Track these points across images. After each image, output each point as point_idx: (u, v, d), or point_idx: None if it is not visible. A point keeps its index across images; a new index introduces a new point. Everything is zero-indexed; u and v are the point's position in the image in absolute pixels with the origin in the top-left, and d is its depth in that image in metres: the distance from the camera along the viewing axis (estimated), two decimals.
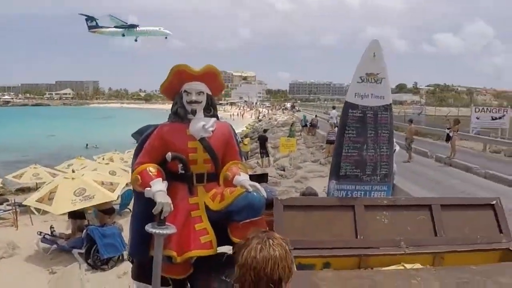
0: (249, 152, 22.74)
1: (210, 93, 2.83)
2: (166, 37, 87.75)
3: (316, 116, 35.15)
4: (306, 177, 13.11)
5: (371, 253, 3.08)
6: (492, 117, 23.27)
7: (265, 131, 22.57)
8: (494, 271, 2.68)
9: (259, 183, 2.76)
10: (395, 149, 8.63)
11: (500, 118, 23.15)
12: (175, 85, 2.79)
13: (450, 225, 3.30)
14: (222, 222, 2.76)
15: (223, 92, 3.46)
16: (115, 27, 79.68)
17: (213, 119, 2.82)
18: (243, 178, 2.70)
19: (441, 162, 15.81)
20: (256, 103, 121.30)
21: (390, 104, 3.54)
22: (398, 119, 35.06)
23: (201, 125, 2.71)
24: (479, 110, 24.05)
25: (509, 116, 23.60)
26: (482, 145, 20.57)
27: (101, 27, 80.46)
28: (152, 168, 2.67)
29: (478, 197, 4.13)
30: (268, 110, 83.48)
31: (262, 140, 18.38)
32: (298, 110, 69.18)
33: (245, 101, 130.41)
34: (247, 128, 49.20)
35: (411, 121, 18.07)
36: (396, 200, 3.39)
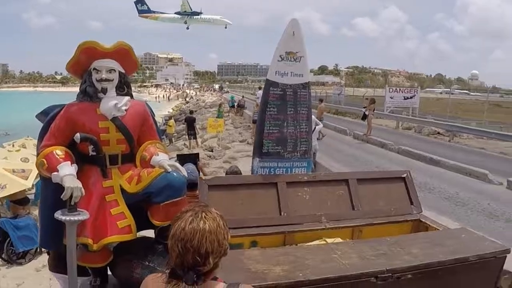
0: (176, 134, 22.32)
1: (122, 71, 2.67)
2: (226, 27, 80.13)
3: (243, 97, 35.39)
4: (234, 157, 13.17)
5: (294, 230, 3.15)
6: (404, 96, 25.21)
7: (191, 112, 22.19)
8: (406, 241, 2.86)
9: (192, 163, 2.68)
10: (318, 127, 9.08)
11: (411, 97, 25.16)
12: (83, 62, 2.59)
13: (366, 198, 3.47)
14: (142, 205, 2.64)
15: (137, 70, 3.27)
16: (177, 13, 71.05)
17: (127, 97, 2.66)
18: (161, 158, 2.58)
19: (358, 139, 16.76)
20: (183, 85, 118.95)
21: (309, 82, 3.62)
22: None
23: (113, 103, 2.54)
24: (392, 90, 25.89)
25: (419, 96, 25.78)
26: (395, 122, 22.24)
27: (154, 11, 70.80)
28: (59, 151, 2.46)
29: (390, 171, 4.43)
30: (196, 92, 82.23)
31: (189, 122, 18.08)
32: (226, 92, 68.98)
33: (171, 83, 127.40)
34: (173, 110, 48.09)
35: (321, 100, 18.93)
36: (315, 176, 3.50)
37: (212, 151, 15.01)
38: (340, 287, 2.33)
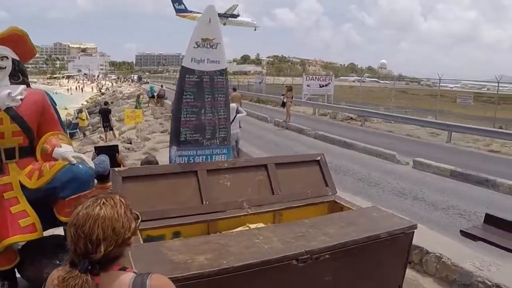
0: (90, 127, 21.07)
1: (16, 58, 2.45)
2: (255, 29, 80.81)
3: (162, 86, 34.37)
4: (155, 148, 12.76)
5: (217, 218, 3.13)
6: (320, 84, 26.45)
7: (106, 103, 21.06)
8: (323, 223, 2.97)
9: (110, 155, 2.51)
10: (240, 115, 9.13)
11: (326, 85, 26.47)
12: None
13: (284, 182, 3.55)
14: (46, 201, 2.45)
15: (34, 57, 2.98)
16: (224, 14, 71.37)
17: (22, 86, 2.44)
18: (65, 149, 2.42)
19: (279, 126, 17.24)
20: (98, 75, 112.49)
21: (226, 68, 3.59)
22: (243, 88, 37.24)
23: (6, 93, 2.32)
24: (309, 78, 27.01)
25: (333, 84, 27.16)
26: (312, 109, 23.25)
27: (191, 11, 68.60)
28: None
29: (306, 154, 4.56)
30: (112, 83, 78.10)
31: (104, 113, 17.13)
32: (146, 82, 66.60)
33: (84, 74, 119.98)
34: (88, 102, 45.28)
35: (234, 89, 19.23)
36: (235, 163, 3.50)
37: (130, 143, 14.40)
38: (263, 271, 2.36)
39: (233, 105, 9.28)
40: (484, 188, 8.14)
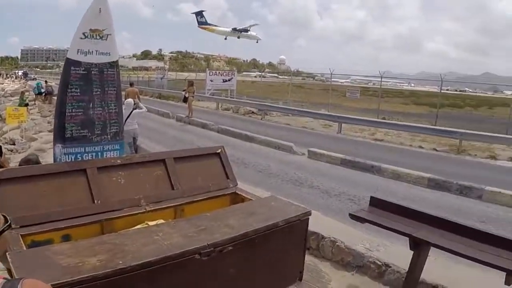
0: None
1: None
2: (257, 41, 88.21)
3: (46, 82, 31.40)
4: (42, 149, 11.60)
5: (112, 217, 2.98)
6: (223, 79, 26.63)
7: None
8: (225, 214, 3.00)
9: None
10: (140, 110, 8.76)
11: (229, 80, 26.73)
12: None
13: (185, 177, 3.50)
14: None
15: None
16: (233, 29, 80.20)
17: None
18: None
19: (181, 121, 16.95)
20: None
21: (117, 60, 3.42)
22: (143, 83, 36.08)
23: None
24: (212, 73, 27.02)
25: (236, 79, 27.55)
26: (216, 104, 23.33)
27: (210, 24, 77.46)
28: None
29: (205, 147, 4.57)
30: None
31: None
32: (34, 78, 60.29)
33: None
34: None
35: (131, 84, 18.60)
36: (130, 158, 3.36)
37: (14, 144, 12.96)
38: (165, 268, 2.30)
39: (129, 100, 8.89)
40: (371, 174, 8.96)
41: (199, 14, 77.69)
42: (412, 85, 71.66)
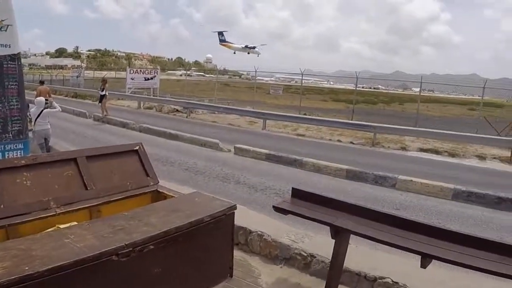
0: None
1: None
2: (258, 55, 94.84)
3: None
4: None
5: (17, 222, 2.70)
6: (145, 77, 25.74)
7: None
8: (144, 213, 2.85)
9: None
10: (55, 110, 8.14)
11: (152, 78, 25.91)
12: None
13: (99, 176, 3.29)
14: None
15: None
16: (245, 46, 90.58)
17: None
18: None
19: (99, 121, 16.07)
20: None
21: (19, 53, 3.10)
22: (57, 82, 33.86)
23: None
24: (133, 71, 25.97)
25: (159, 77, 26.78)
26: (137, 103, 22.48)
27: (228, 41, 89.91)
28: None
29: (122, 145, 4.35)
30: None
31: None
32: None
33: None
34: None
35: (42, 82, 17.42)
36: (36, 158, 3.07)
37: None
38: (80, 272, 2.14)
39: (40, 99, 8.25)
40: (294, 168, 9.23)
41: (221, 33, 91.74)
42: (331, 83, 75.32)
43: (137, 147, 3.73)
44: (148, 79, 25.82)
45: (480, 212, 6.72)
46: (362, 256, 3.86)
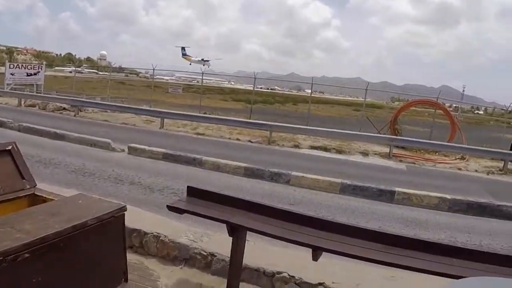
0: None
1: None
2: (208, 67, 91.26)
3: None
4: None
5: None
6: (27, 73, 23.27)
7: None
8: (18, 218, 2.52)
9: None
10: None
11: (35, 74, 23.48)
12: None
13: None
14: None
15: None
16: (201, 59, 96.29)
17: None
18: None
19: None
20: None
21: None
22: None
23: None
24: (14, 66, 23.31)
25: (44, 73, 24.37)
26: (17, 100, 20.22)
27: (188, 55, 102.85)
28: None
29: None
30: None
31: None
32: None
33: None
34: None
35: None
36: None
37: None
38: None
39: None
40: (193, 167, 9.10)
41: (183, 48, 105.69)
42: (232, 83, 76.54)
43: (9, 147, 3.28)
44: (31, 74, 23.35)
45: (365, 204, 7.35)
46: (260, 252, 3.92)
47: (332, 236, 3.00)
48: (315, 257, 2.99)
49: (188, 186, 3.80)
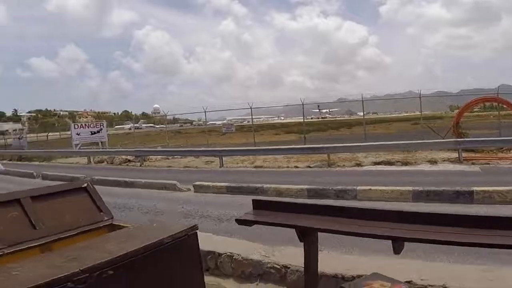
0: None
1: None
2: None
3: None
4: None
5: None
6: (91, 131, 25.05)
7: None
8: (99, 242, 2.67)
9: None
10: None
11: (98, 132, 25.24)
12: None
13: (48, 215, 3.08)
14: None
15: None
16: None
17: None
18: None
19: (47, 179, 15.16)
20: None
21: None
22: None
23: None
24: (78, 126, 25.32)
25: (106, 129, 26.16)
26: (86, 158, 21.63)
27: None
28: None
29: (69, 183, 4.09)
30: None
31: None
32: None
33: None
34: None
35: None
36: None
37: None
38: None
39: None
40: (256, 196, 9.13)
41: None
42: (282, 118, 77.23)
43: (85, 185, 3.54)
44: (95, 132, 25.20)
45: (443, 208, 6.89)
46: (335, 260, 3.84)
47: (409, 226, 2.84)
48: (396, 250, 2.84)
49: (253, 199, 3.83)
